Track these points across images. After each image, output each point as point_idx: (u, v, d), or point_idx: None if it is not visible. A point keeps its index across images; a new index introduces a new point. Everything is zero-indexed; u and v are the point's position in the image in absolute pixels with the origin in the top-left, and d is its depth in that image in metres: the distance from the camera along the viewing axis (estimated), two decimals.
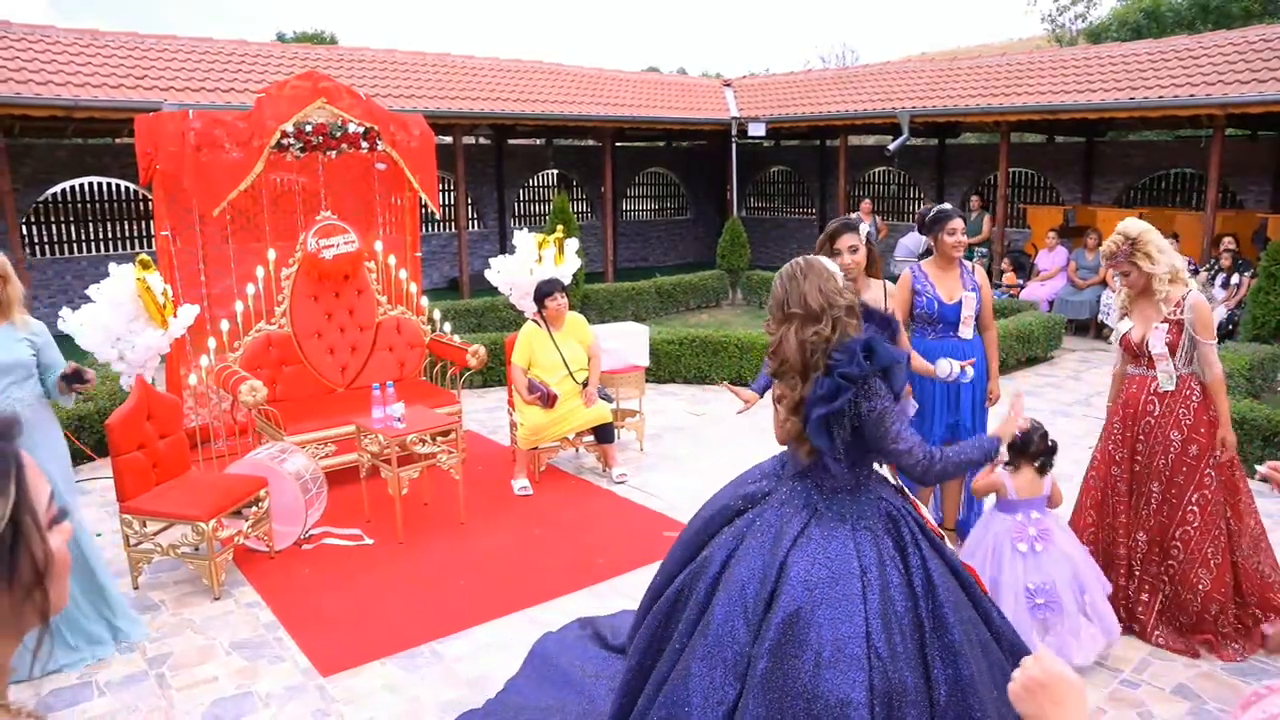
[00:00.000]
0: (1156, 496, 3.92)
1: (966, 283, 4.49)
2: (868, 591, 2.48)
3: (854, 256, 3.88)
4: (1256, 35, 11.50)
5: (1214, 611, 3.81)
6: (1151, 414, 3.93)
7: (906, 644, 2.46)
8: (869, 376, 2.51)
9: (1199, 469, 3.82)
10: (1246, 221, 12.07)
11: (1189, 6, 22.20)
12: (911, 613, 2.50)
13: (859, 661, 2.39)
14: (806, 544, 2.55)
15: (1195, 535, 3.83)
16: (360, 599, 4.43)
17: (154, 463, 4.62)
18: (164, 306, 5.42)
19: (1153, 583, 3.95)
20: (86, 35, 11.32)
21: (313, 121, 6.01)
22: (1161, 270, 3.82)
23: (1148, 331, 3.88)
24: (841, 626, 2.42)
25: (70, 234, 13.04)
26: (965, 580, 2.74)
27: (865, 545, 2.56)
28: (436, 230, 16.14)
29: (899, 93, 14.30)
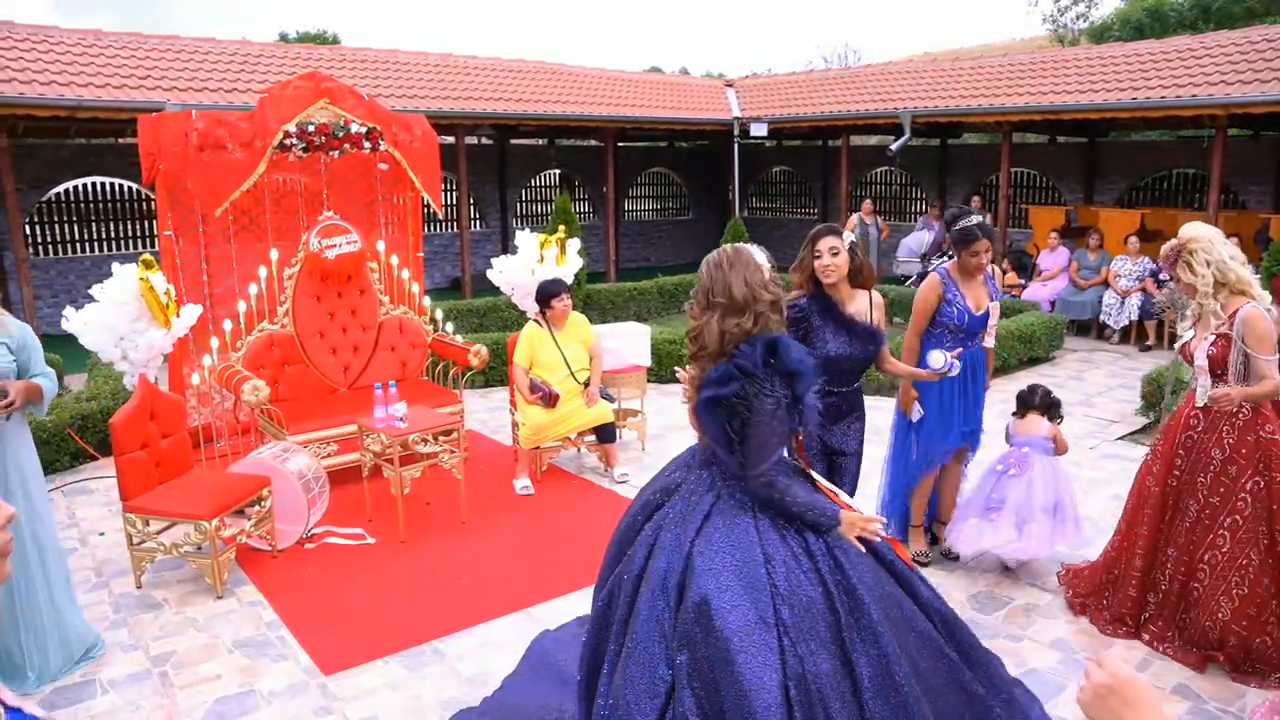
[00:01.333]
0: (1191, 515, 3.78)
1: (992, 291, 4.47)
2: (774, 577, 2.47)
3: (834, 259, 3.76)
4: (1259, 35, 11.49)
5: (1231, 644, 3.64)
6: (1195, 429, 3.78)
7: (818, 627, 2.44)
8: (768, 375, 2.47)
9: (1235, 491, 3.65)
10: (1249, 222, 12.05)
11: (1191, 6, 22.18)
12: (824, 597, 2.49)
13: (770, 647, 2.39)
14: (711, 533, 2.55)
15: (1223, 560, 3.67)
16: (362, 598, 4.45)
17: (157, 462, 4.64)
18: (167, 306, 5.44)
19: (1176, 600, 3.84)
20: (90, 35, 11.35)
21: (315, 122, 6.03)
22: (1202, 283, 3.64)
23: (1200, 342, 3.74)
24: (748, 613, 2.42)
25: (73, 234, 13.07)
26: (885, 557, 2.74)
27: (768, 531, 2.55)
28: (439, 230, 16.16)
29: (901, 93, 14.30)
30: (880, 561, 2.72)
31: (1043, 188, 16.25)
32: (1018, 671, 3.72)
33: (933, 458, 4.57)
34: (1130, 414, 7.50)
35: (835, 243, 3.78)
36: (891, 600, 2.64)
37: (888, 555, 2.77)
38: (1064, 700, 3.53)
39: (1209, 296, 3.67)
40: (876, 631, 2.46)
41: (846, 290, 3.86)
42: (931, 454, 4.57)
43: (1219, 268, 3.65)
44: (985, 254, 4.34)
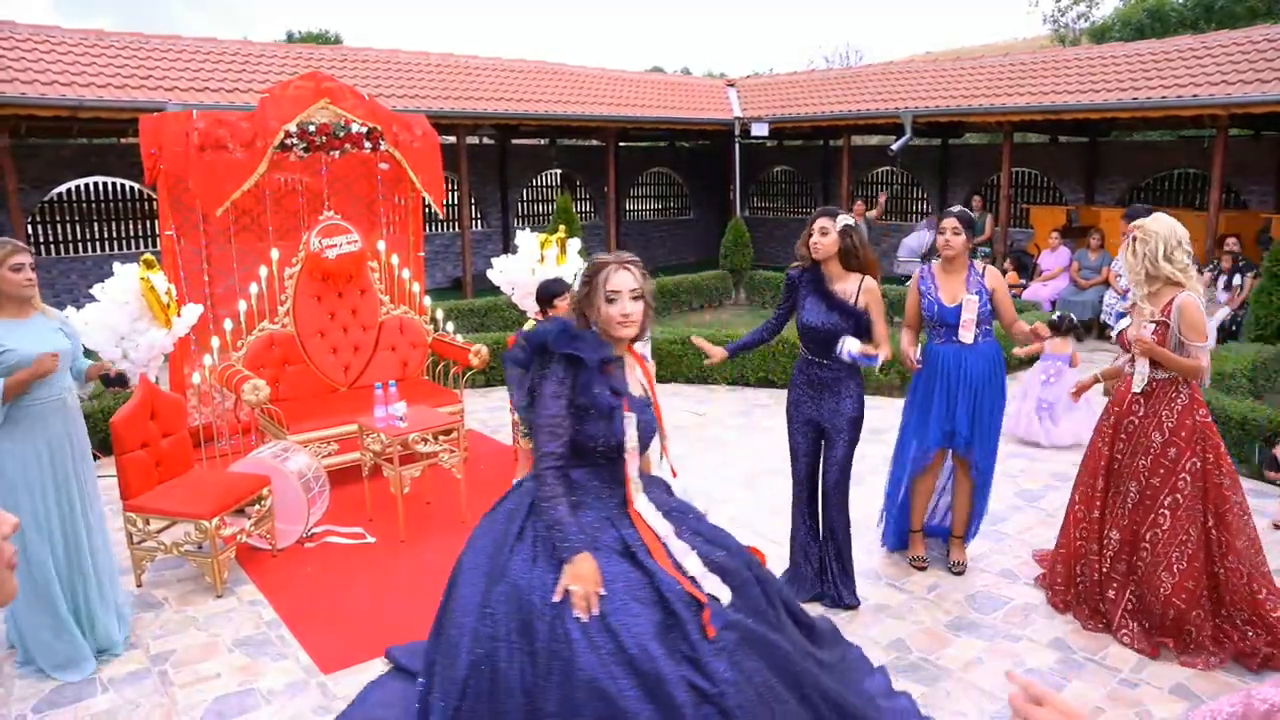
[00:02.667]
0: (1133, 496, 3.90)
1: (971, 286, 4.39)
2: (510, 561, 2.62)
3: (821, 238, 4.06)
4: (1261, 35, 11.48)
5: (1172, 616, 3.78)
6: (1135, 414, 3.92)
7: (645, 630, 2.50)
8: (543, 364, 2.66)
9: (1176, 472, 3.79)
10: (1250, 222, 12.05)
11: (1193, 6, 22.15)
12: (653, 602, 2.54)
13: (469, 629, 2.57)
14: (521, 545, 2.68)
15: (1163, 538, 3.80)
16: (362, 597, 4.45)
17: (157, 461, 4.65)
18: (168, 306, 5.45)
19: (1121, 580, 3.96)
20: (91, 35, 11.37)
21: (316, 122, 6.04)
22: (1133, 270, 3.81)
23: (1137, 329, 3.87)
24: (475, 594, 2.62)
25: (75, 233, 13.09)
26: (727, 544, 2.83)
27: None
28: (440, 230, 16.17)
29: (902, 93, 14.30)
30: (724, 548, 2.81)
31: (1044, 188, 16.25)
32: (1016, 671, 3.73)
33: (915, 456, 4.55)
34: None
35: (826, 224, 4.07)
36: (745, 590, 2.73)
37: (724, 545, 2.84)
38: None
39: (1140, 284, 3.83)
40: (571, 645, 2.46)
41: (837, 269, 4.11)
42: (908, 454, 4.57)
43: (1150, 260, 3.78)
44: (952, 233, 4.36)
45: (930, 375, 4.45)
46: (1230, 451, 6.04)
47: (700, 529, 2.85)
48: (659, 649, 2.46)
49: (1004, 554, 4.83)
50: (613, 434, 2.68)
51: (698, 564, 2.69)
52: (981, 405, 4.41)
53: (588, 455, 2.71)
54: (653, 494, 2.85)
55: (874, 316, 4.09)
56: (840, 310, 4.07)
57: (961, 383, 4.39)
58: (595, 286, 2.74)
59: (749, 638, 2.62)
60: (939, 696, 3.57)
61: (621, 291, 2.72)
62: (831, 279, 4.12)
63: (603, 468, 2.74)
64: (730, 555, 2.82)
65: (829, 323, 4.08)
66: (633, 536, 2.68)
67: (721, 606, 2.63)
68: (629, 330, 2.74)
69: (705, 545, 2.78)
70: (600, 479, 2.75)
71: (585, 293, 2.77)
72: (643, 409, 2.80)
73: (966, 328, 4.37)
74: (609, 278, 2.73)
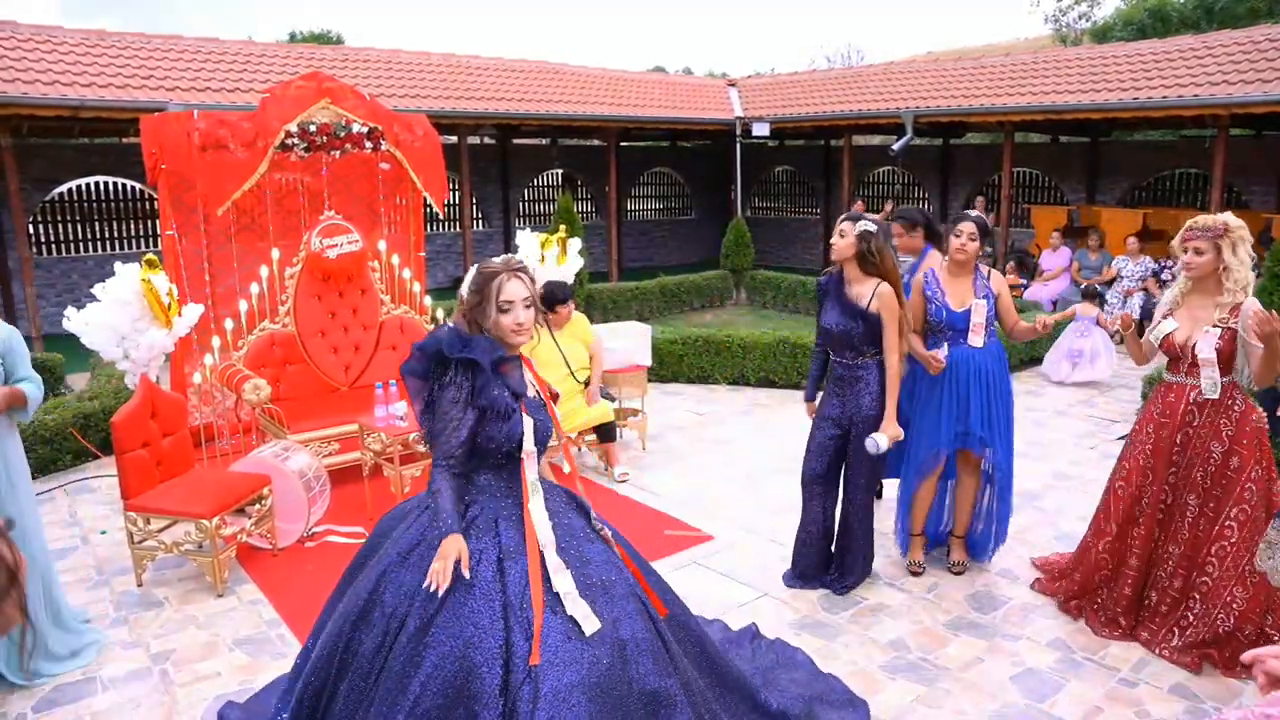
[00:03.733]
0: (1193, 510, 3.76)
1: (978, 290, 4.40)
2: (391, 557, 2.70)
3: (839, 240, 4.18)
4: (1262, 35, 11.47)
5: (1248, 632, 3.64)
6: (1191, 425, 3.74)
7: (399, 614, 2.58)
8: (440, 372, 2.68)
9: (1240, 482, 3.65)
10: (1251, 222, 11.97)
11: (1194, 6, 22.13)
12: (416, 596, 2.58)
13: (349, 617, 2.67)
14: (405, 536, 2.75)
15: (1232, 551, 3.66)
16: None
17: (158, 460, 4.65)
18: (168, 306, 5.46)
19: (1176, 597, 3.83)
20: (93, 35, 11.39)
21: (317, 122, 6.05)
22: (1239, 268, 3.61)
23: (1195, 334, 3.69)
24: (369, 583, 2.70)
25: (77, 233, 13.11)
26: (619, 573, 2.79)
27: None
28: (441, 230, 16.19)
29: (903, 93, 14.30)
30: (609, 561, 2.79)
31: (1045, 187, 16.25)
32: (1015, 671, 3.74)
33: (923, 459, 4.53)
34: (1131, 413, 7.49)
35: (845, 226, 4.19)
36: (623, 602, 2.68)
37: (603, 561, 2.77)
38: (1063, 699, 3.54)
39: (1235, 284, 3.63)
40: (428, 639, 2.51)
41: (855, 273, 4.19)
42: (920, 456, 4.54)
43: (1245, 262, 3.65)
44: (969, 237, 4.35)
45: (938, 378, 4.44)
46: None
47: (590, 551, 2.76)
48: (486, 668, 2.45)
49: (1004, 554, 4.82)
50: (511, 435, 2.68)
51: (568, 582, 2.62)
52: (994, 404, 4.42)
53: (488, 457, 2.71)
54: (553, 503, 2.81)
55: (885, 322, 4.09)
56: (851, 313, 4.13)
57: (974, 384, 4.38)
58: (488, 296, 2.72)
59: (594, 681, 2.48)
60: (938, 696, 3.57)
61: (515, 301, 2.71)
62: (850, 282, 4.20)
63: (503, 468, 2.75)
64: (617, 581, 2.72)
65: (841, 324, 4.17)
66: (514, 541, 2.66)
67: (580, 635, 2.54)
68: (522, 338, 2.75)
69: (591, 567, 2.71)
70: (500, 480, 2.75)
71: (477, 301, 2.74)
72: (537, 410, 2.82)
73: (976, 331, 4.39)
74: (501, 287, 2.71)
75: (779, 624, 4.11)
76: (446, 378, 2.65)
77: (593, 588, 2.65)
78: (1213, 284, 3.71)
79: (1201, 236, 3.65)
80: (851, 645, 3.96)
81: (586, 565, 2.70)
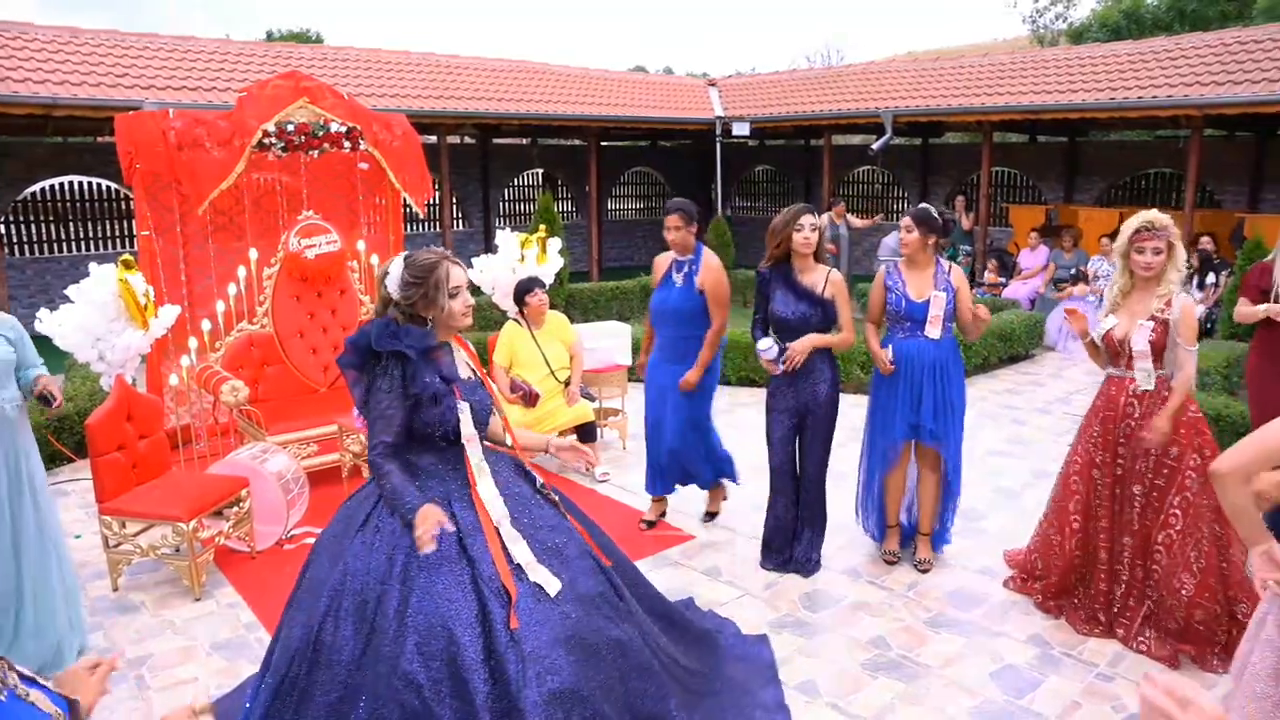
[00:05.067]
0: (1139, 499, 3.86)
1: (939, 283, 4.46)
2: (352, 544, 2.74)
3: (812, 236, 4.39)
4: (1232, 38, 11.63)
5: (1199, 618, 3.71)
6: (1132, 416, 3.87)
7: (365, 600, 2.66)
8: (373, 364, 2.75)
9: (1180, 470, 3.76)
10: (1224, 221, 12.20)
11: (1167, 8, 22.40)
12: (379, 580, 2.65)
13: (309, 606, 2.74)
14: (363, 532, 2.80)
15: (1178, 539, 3.75)
16: None
17: (134, 463, 4.60)
18: (145, 307, 5.40)
19: (1140, 588, 3.89)
20: (65, 33, 11.24)
21: (294, 121, 6.00)
22: (1180, 263, 3.78)
23: (1132, 329, 3.82)
24: (320, 569, 2.80)
25: (51, 233, 12.95)
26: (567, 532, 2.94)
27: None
28: (422, 230, 16.11)
29: (882, 93, 14.37)
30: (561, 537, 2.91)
31: (1024, 187, 16.38)
32: (995, 668, 3.76)
33: (884, 451, 4.61)
34: None
35: (815, 220, 4.42)
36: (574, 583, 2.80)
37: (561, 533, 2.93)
38: (1041, 695, 3.57)
39: (1175, 277, 3.80)
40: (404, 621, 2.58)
41: (808, 263, 4.43)
42: (880, 447, 4.62)
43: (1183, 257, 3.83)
44: (904, 230, 4.52)
45: (898, 372, 4.50)
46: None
47: (540, 516, 2.92)
48: (467, 638, 2.56)
49: (983, 552, 4.86)
50: (445, 419, 2.78)
51: (526, 552, 2.78)
52: (948, 397, 4.49)
53: (429, 442, 2.82)
54: (501, 475, 2.93)
55: (839, 305, 4.40)
56: (808, 300, 4.35)
57: (926, 376, 4.44)
58: (436, 284, 2.81)
59: (567, 635, 2.67)
60: (919, 693, 3.59)
61: (461, 285, 2.88)
62: (800, 272, 4.43)
63: (445, 451, 2.84)
64: (569, 543, 2.92)
65: (798, 313, 4.39)
66: (469, 519, 2.77)
67: (546, 597, 2.71)
68: (468, 320, 2.92)
69: (543, 533, 2.88)
70: (445, 462, 2.85)
71: (421, 293, 2.81)
72: (473, 391, 2.93)
73: (934, 323, 4.43)
74: (449, 273, 2.84)
75: (760, 622, 4.12)
76: (379, 368, 2.74)
77: (548, 552, 2.83)
78: (1153, 280, 3.83)
79: (1162, 236, 3.79)
80: (832, 643, 3.97)
81: (538, 531, 2.87)
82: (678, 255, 4.95)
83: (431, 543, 2.56)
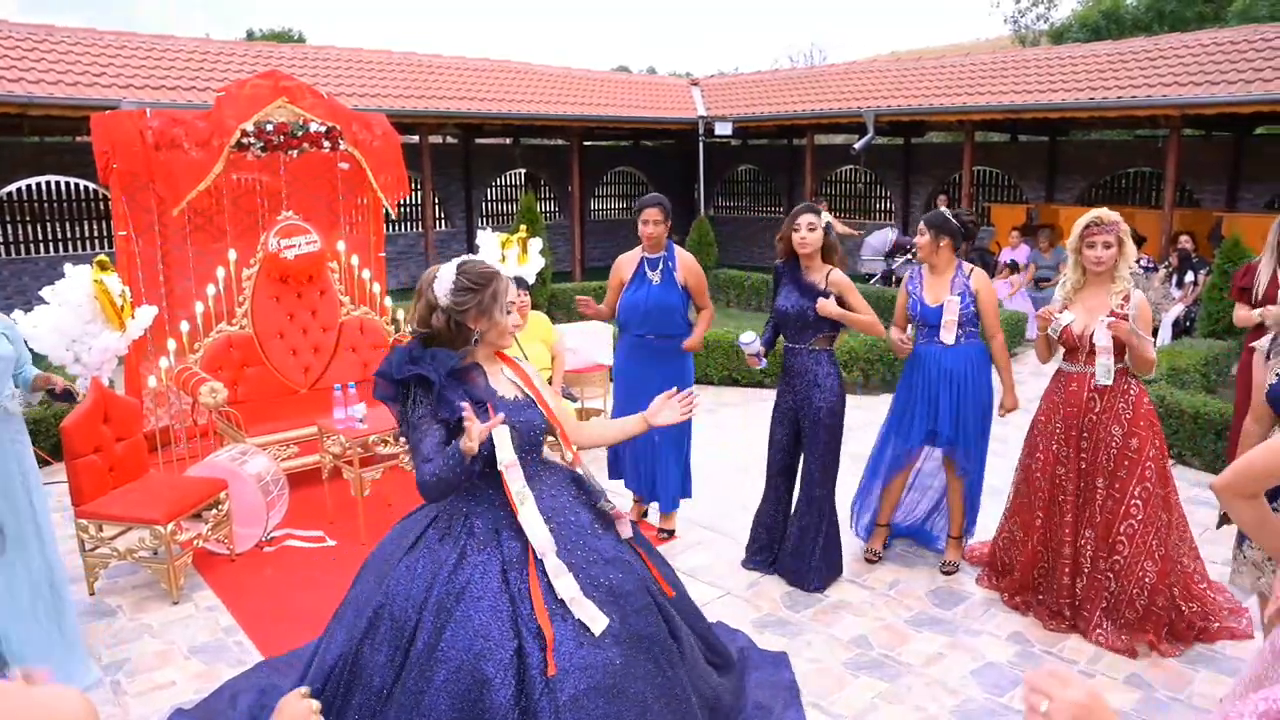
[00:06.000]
0: (1101, 493, 3.92)
1: (956, 287, 4.42)
2: (397, 569, 2.64)
3: (810, 234, 4.31)
4: (1209, 39, 11.74)
5: (1160, 604, 3.81)
6: (1093, 411, 3.92)
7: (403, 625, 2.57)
8: (405, 392, 2.61)
9: (1140, 462, 3.84)
10: (1203, 220, 12.31)
11: (1146, 9, 22.60)
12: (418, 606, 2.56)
13: (353, 625, 2.67)
14: (410, 556, 2.68)
15: (1139, 529, 3.83)
16: (322, 601, 4.37)
17: (110, 466, 4.55)
18: (121, 308, 5.34)
19: (1100, 579, 3.95)
20: (41, 31, 11.12)
21: (273, 121, 5.95)
22: (1131, 257, 3.86)
23: (1090, 324, 3.86)
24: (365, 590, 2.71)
25: (28, 234, 12.81)
26: (628, 565, 2.74)
27: (430, 531, 2.69)
28: (404, 230, 16.04)
29: (865, 92, 14.42)
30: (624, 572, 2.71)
31: (1005, 186, 16.47)
32: (975, 666, 3.78)
33: (898, 455, 4.59)
34: None
35: (814, 220, 4.32)
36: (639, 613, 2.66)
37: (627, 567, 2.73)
38: (1021, 693, 3.57)
39: (1126, 272, 3.87)
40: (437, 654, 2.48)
41: (815, 261, 4.38)
42: (892, 452, 4.60)
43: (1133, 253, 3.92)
44: (917, 235, 4.57)
45: (912, 375, 4.51)
46: (1185, 445, 6.18)
47: (598, 548, 2.70)
48: (499, 679, 2.42)
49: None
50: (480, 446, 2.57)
51: (572, 586, 2.57)
52: (965, 406, 4.41)
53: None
54: (557, 500, 2.73)
55: (848, 296, 4.32)
56: (809, 295, 4.31)
57: (942, 382, 4.41)
58: (494, 295, 2.64)
59: (608, 684, 2.49)
60: (900, 692, 3.60)
61: (514, 302, 2.74)
62: (808, 270, 4.39)
63: (489, 477, 2.66)
64: (626, 578, 2.70)
65: (797, 306, 4.35)
66: (516, 550, 2.61)
67: (590, 638, 2.52)
68: (509, 341, 2.78)
69: (598, 566, 2.65)
70: (494, 487, 2.67)
71: (475, 301, 2.62)
72: (520, 412, 2.72)
73: (947, 328, 4.40)
74: (507, 287, 2.69)
75: (742, 621, 4.11)
76: (409, 398, 2.62)
77: (599, 587, 2.62)
78: (1105, 276, 3.89)
79: (1112, 231, 3.86)
80: (814, 643, 3.98)
81: (592, 565, 2.64)
82: (649, 252, 4.91)
83: (476, 435, 2.43)
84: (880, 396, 7.71)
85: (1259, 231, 10.69)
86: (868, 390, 8.31)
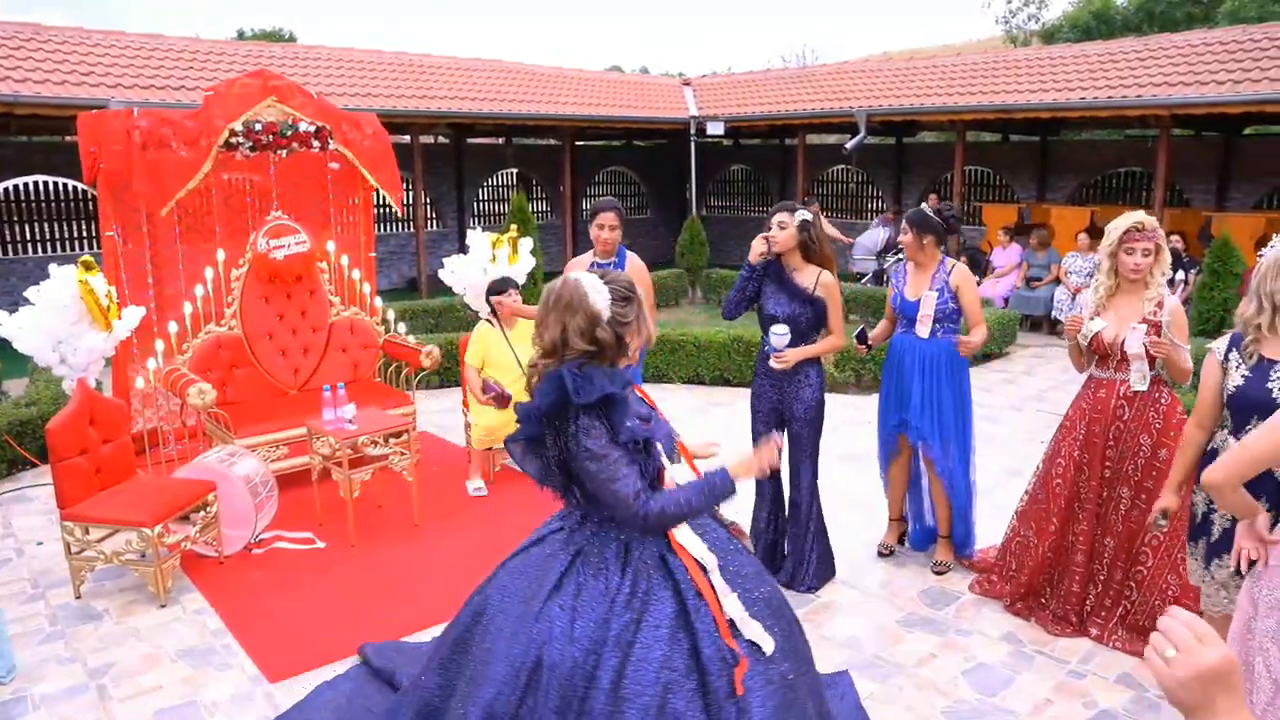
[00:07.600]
0: (1125, 502, 3.85)
1: (936, 283, 4.43)
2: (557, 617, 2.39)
3: (779, 231, 4.18)
4: (1199, 39, 11.78)
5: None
6: (1121, 418, 3.83)
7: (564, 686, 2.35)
8: (572, 410, 2.34)
9: (1168, 473, 3.68)
10: (1192, 219, 12.35)
11: (1136, 9, 22.68)
12: (689, 669, 2.34)
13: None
14: (560, 594, 2.45)
15: (1165, 541, 3.76)
16: (311, 603, 4.36)
17: (97, 468, 4.51)
18: (107, 309, 5.30)
19: (1118, 589, 3.90)
20: (28, 29, 11.03)
21: (263, 120, 5.92)
22: (1166, 265, 3.74)
23: (1122, 331, 3.77)
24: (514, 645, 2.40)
25: (16, 234, 12.72)
26: (767, 579, 2.62)
27: (622, 595, 2.41)
28: (395, 230, 15.99)
29: (856, 92, 14.42)
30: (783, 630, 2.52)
31: (997, 185, 16.50)
32: (967, 666, 3.77)
33: (883, 443, 4.71)
34: None
35: (784, 218, 4.21)
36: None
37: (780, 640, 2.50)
38: (1013, 692, 3.57)
39: (1161, 279, 3.74)
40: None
41: (797, 261, 4.27)
42: (880, 438, 4.72)
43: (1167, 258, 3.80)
44: (901, 232, 4.57)
45: (889, 366, 4.60)
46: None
47: (741, 564, 2.56)
48: (690, 712, 2.29)
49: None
50: (651, 461, 2.42)
51: (737, 606, 2.43)
52: (939, 399, 4.43)
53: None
54: (699, 518, 2.56)
55: (830, 307, 4.27)
56: (800, 299, 4.24)
57: (915, 373, 4.44)
58: (639, 305, 2.45)
59: (790, 701, 2.39)
60: (892, 692, 3.58)
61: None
62: (792, 270, 4.28)
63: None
64: (774, 591, 2.58)
65: (789, 312, 4.25)
66: (684, 573, 2.43)
67: (763, 656, 2.40)
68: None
69: (750, 581, 2.53)
70: None
71: (636, 311, 2.44)
72: (660, 423, 2.61)
73: (923, 323, 4.44)
74: (643, 299, 2.52)
75: None
76: (573, 427, 2.33)
77: (756, 601, 2.50)
78: (1139, 282, 3.77)
79: (1152, 237, 3.72)
80: None
81: (745, 580, 2.52)
82: (600, 258, 4.85)
83: (767, 460, 2.38)
84: (873, 396, 7.70)
85: (1248, 231, 10.78)
86: (860, 389, 8.31)
